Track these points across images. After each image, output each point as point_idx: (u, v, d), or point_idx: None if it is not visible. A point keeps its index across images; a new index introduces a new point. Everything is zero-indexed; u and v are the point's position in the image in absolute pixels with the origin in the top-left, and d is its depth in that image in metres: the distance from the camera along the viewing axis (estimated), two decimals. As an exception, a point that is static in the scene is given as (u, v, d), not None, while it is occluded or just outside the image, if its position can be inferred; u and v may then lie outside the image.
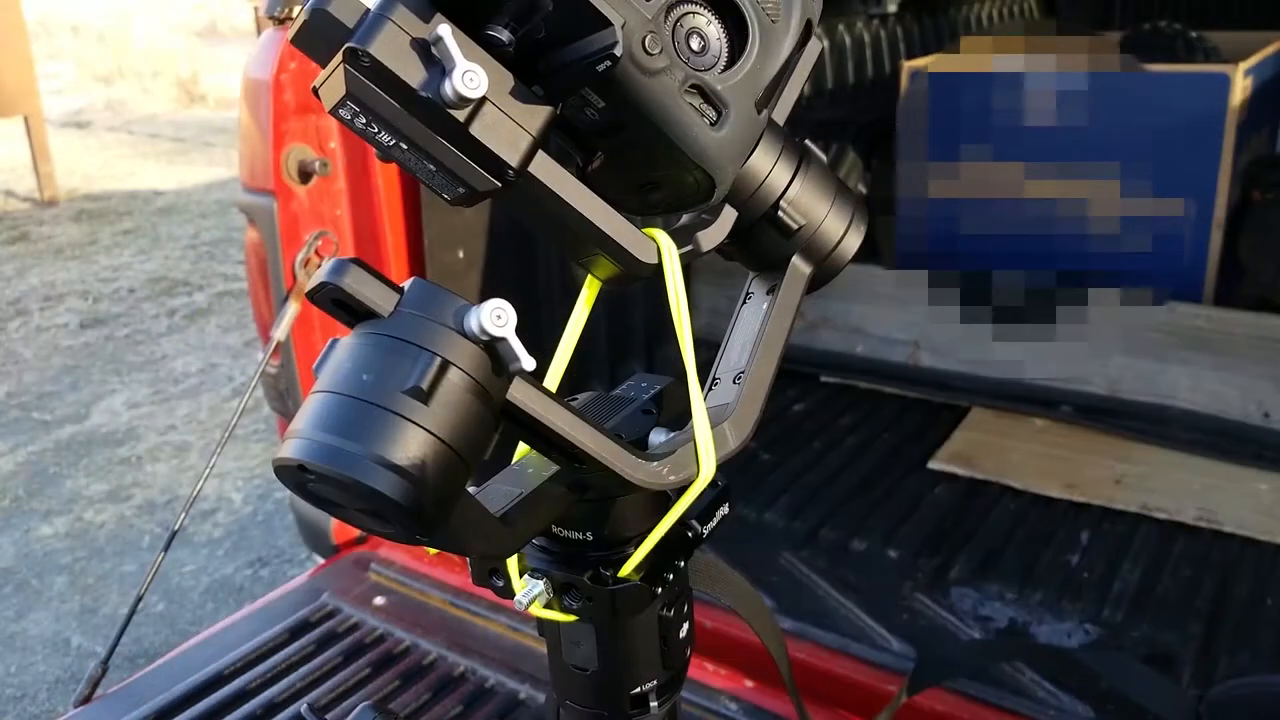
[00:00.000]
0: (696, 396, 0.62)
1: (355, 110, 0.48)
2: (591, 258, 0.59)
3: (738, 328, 0.69)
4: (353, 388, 0.47)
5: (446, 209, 1.79)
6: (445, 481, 0.47)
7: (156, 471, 3.58)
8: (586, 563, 0.64)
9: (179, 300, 5.13)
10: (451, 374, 0.48)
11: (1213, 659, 1.45)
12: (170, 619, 2.82)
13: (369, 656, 1.52)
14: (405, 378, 0.47)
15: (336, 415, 0.47)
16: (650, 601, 0.65)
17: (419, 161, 0.51)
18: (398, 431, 0.46)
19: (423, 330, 0.48)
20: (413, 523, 0.47)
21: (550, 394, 0.54)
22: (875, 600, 1.59)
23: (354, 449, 0.45)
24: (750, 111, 0.57)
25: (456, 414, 0.48)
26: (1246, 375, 1.97)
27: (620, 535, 0.65)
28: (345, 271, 0.48)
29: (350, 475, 0.45)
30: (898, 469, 2.00)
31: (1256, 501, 1.78)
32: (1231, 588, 1.61)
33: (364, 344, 0.49)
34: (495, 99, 0.49)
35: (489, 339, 0.48)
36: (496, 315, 0.48)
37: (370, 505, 0.47)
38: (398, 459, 0.46)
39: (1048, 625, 1.54)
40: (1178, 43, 2.49)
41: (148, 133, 8.63)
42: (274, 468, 0.48)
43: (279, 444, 0.48)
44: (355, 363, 0.48)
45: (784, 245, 0.64)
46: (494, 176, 0.51)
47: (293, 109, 1.64)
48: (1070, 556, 1.71)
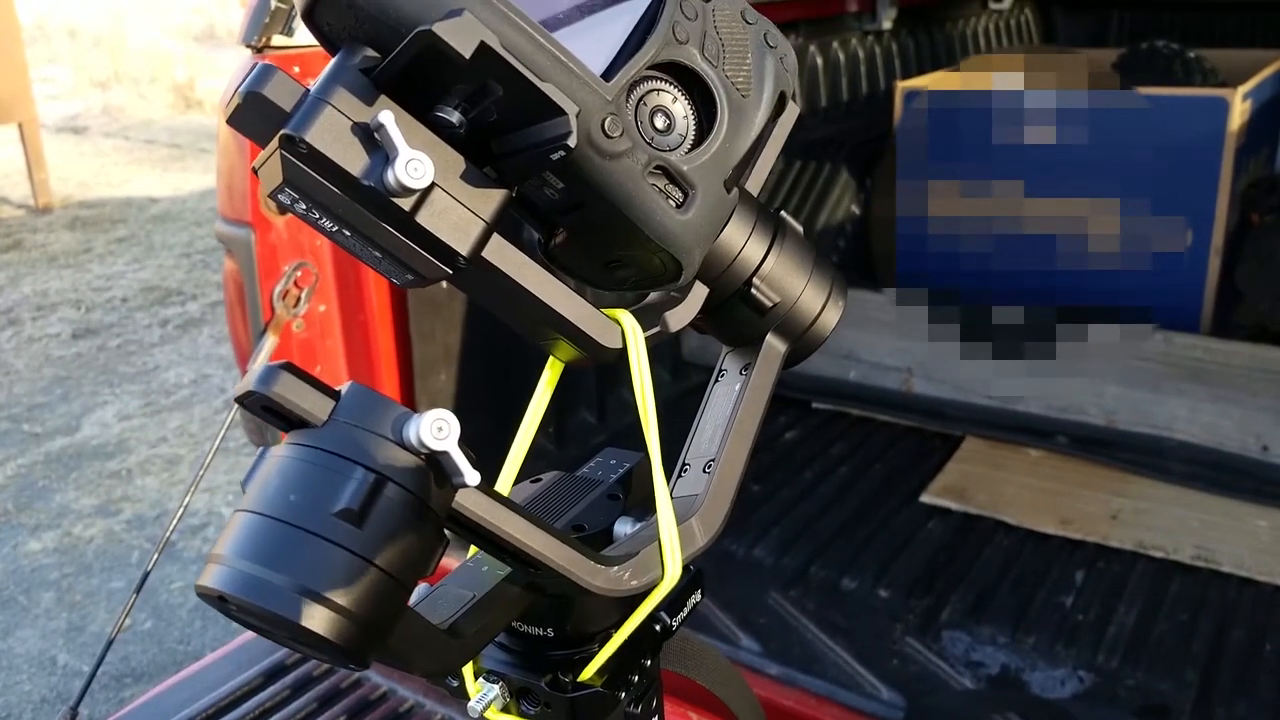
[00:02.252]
0: (662, 493, 0.58)
1: (294, 196, 0.45)
2: (550, 342, 0.56)
3: (709, 409, 0.65)
4: (278, 509, 0.44)
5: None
6: (380, 611, 0.44)
7: (146, 485, 3.55)
8: (547, 663, 0.60)
9: (172, 310, 5.10)
10: (388, 491, 0.44)
11: (1209, 709, 1.41)
12: (158, 637, 2.79)
13: (345, 703, 1.49)
14: (336, 498, 0.43)
15: (259, 540, 0.43)
16: (614, 708, 0.61)
17: (364, 249, 0.47)
18: (326, 559, 0.43)
19: (357, 443, 0.45)
20: (344, 658, 0.44)
21: (501, 499, 0.51)
22: (865, 644, 1.55)
23: (277, 580, 0.42)
24: (719, 191, 0.53)
25: (393, 535, 0.44)
26: (1244, 408, 1.93)
27: (584, 631, 0.61)
28: (275, 379, 0.45)
29: (272, 610, 0.42)
30: (890, 501, 1.96)
31: (1255, 540, 1.75)
32: (1229, 631, 1.57)
33: (292, 458, 0.45)
34: (444, 184, 0.45)
35: (429, 453, 0.45)
36: (438, 427, 0.45)
37: (298, 639, 0.44)
38: (326, 591, 0.42)
39: (1040, 672, 1.51)
40: (1175, 63, 2.46)
41: (144, 138, 8.59)
42: (197, 593, 0.45)
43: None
44: (282, 480, 0.44)
45: (758, 322, 0.61)
46: (444, 264, 0.47)
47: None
48: (1065, 598, 1.67)
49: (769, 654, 1.53)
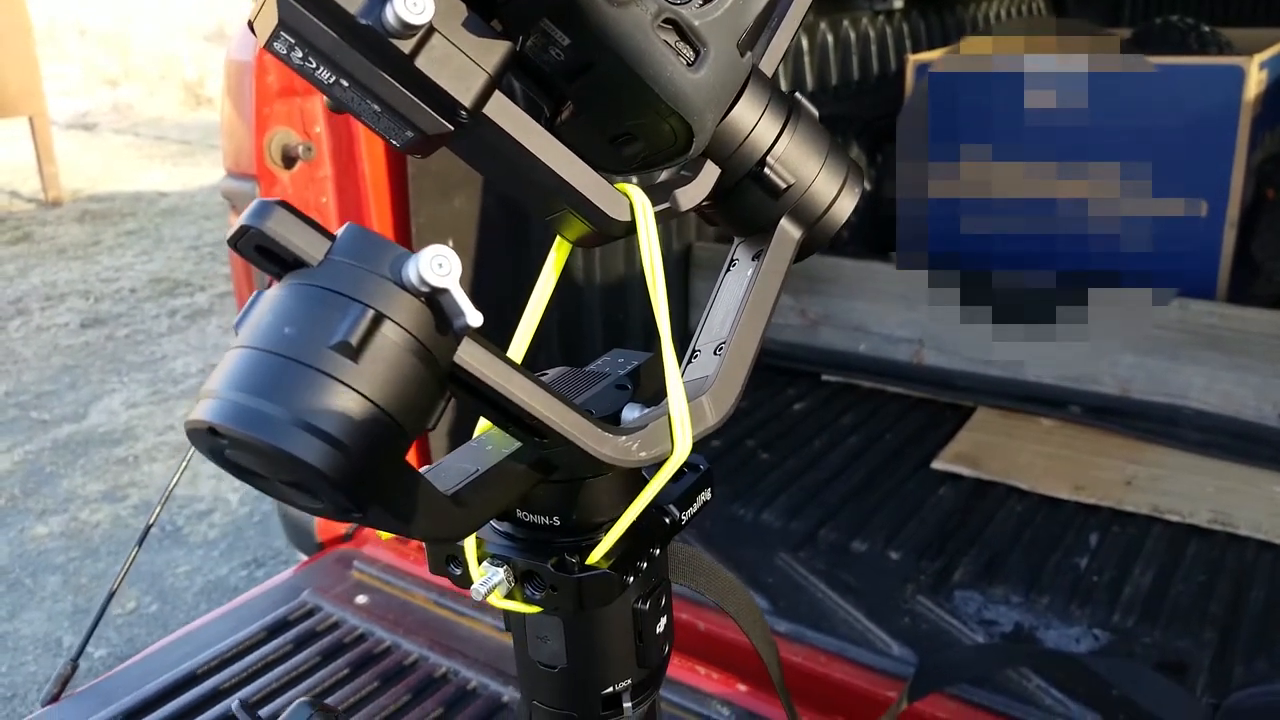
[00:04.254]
0: (671, 365, 0.56)
1: (291, 43, 0.43)
2: (559, 215, 0.54)
3: (721, 296, 0.63)
4: (273, 343, 0.41)
5: (436, 197, 1.74)
6: (377, 449, 0.42)
7: (153, 472, 3.55)
8: (552, 549, 0.58)
9: (180, 300, 5.10)
10: (386, 328, 0.42)
11: (1228, 667, 1.39)
12: (163, 620, 2.78)
13: (348, 656, 1.47)
14: (332, 331, 0.41)
15: (254, 373, 0.41)
16: (620, 592, 0.59)
17: (362, 101, 0.45)
18: (322, 391, 0.40)
19: (354, 280, 0.43)
20: (340, 496, 0.41)
21: (506, 358, 0.48)
22: (876, 603, 1.53)
23: (272, 411, 0.40)
24: (732, 53, 0.51)
25: (391, 374, 0.42)
26: (1261, 375, 1.90)
27: (590, 521, 0.59)
28: (269, 214, 0.43)
29: (266, 440, 0.39)
30: (901, 469, 1.94)
31: (1272, 504, 1.72)
32: (1247, 592, 1.54)
33: (288, 295, 0.43)
34: (444, 29, 0.43)
35: (429, 290, 0.43)
36: (437, 263, 0.43)
37: (292, 476, 0.41)
38: (321, 422, 0.40)
39: (1055, 630, 1.48)
40: (1190, 37, 2.44)
41: (153, 135, 8.63)
42: (186, 431, 0.43)
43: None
44: (277, 315, 0.42)
45: (771, 206, 0.59)
46: (444, 118, 0.45)
47: (276, 91, 1.59)
48: (1079, 560, 1.65)
49: (778, 612, 1.50)
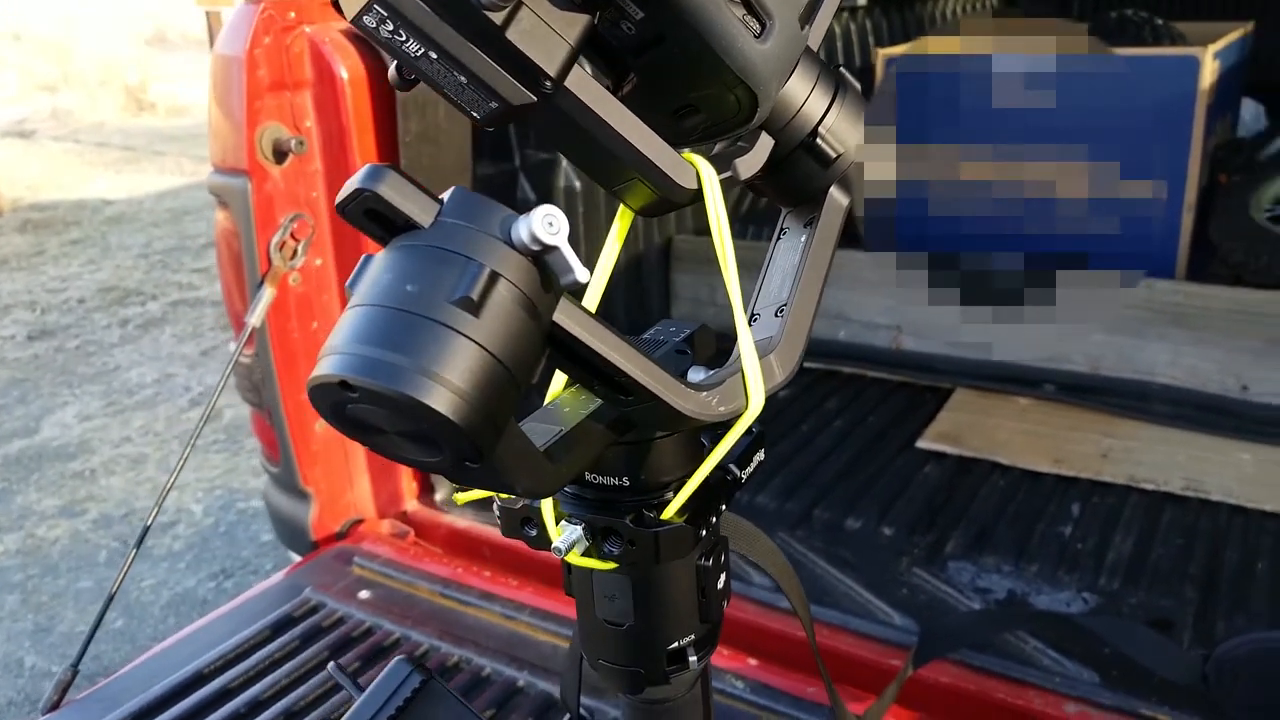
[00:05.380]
0: (742, 324, 0.59)
1: (382, 15, 0.45)
2: (626, 185, 0.57)
3: (775, 262, 0.66)
4: (396, 299, 0.43)
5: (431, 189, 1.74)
6: (498, 400, 0.44)
7: (112, 485, 3.48)
8: (625, 508, 0.61)
9: (131, 310, 5.00)
10: (501, 286, 0.44)
11: (1210, 623, 1.45)
12: (130, 635, 2.73)
13: (358, 650, 1.47)
14: (454, 288, 0.43)
15: (380, 328, 0.43)
16: (694, 545, 0.62)
17: (448, 74, 0.47)
18: (448, 344, 0.42)
19: (469, 239, 0.45)
20: (465, 444, 0.43)
21: (598, 318, 0.51)
22: (873, 577, 1.57)
23: (401, 362, 0.41)
24: (794, 26, 0.54)
25: (507, 329, 0.44)
26: (1224, 349, 1.99)
27: (656, 481, 0.62)
28: (382, 177, 0.45)
29: (398, 390, 0.41)
30: (886, 450, 1.99)
31: (1240, 471, 1.79)
32: (1222, 554, 1.61)
33: (405, 255, 0.45)
34: (531, 3, 0.46)
35: (540, 249, 0.45)
36: (548, 222, 0.45)
37: (417, 426, 0.43)
38: (448, 373, 0.42)
39: (1046, 595, 1.53)
40: (1145, 30, 2.53)
41: (95, 142, 8.43)
42: (309, 390, 0.44)
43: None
44: (397, 274, 0.44)
45: (821, 176, 0.62)
46: (529, 89, 0.48)
47: (267, 85, 1.59)
48: (1063, 529, 1.71)
49: (780, 589, 1.53)
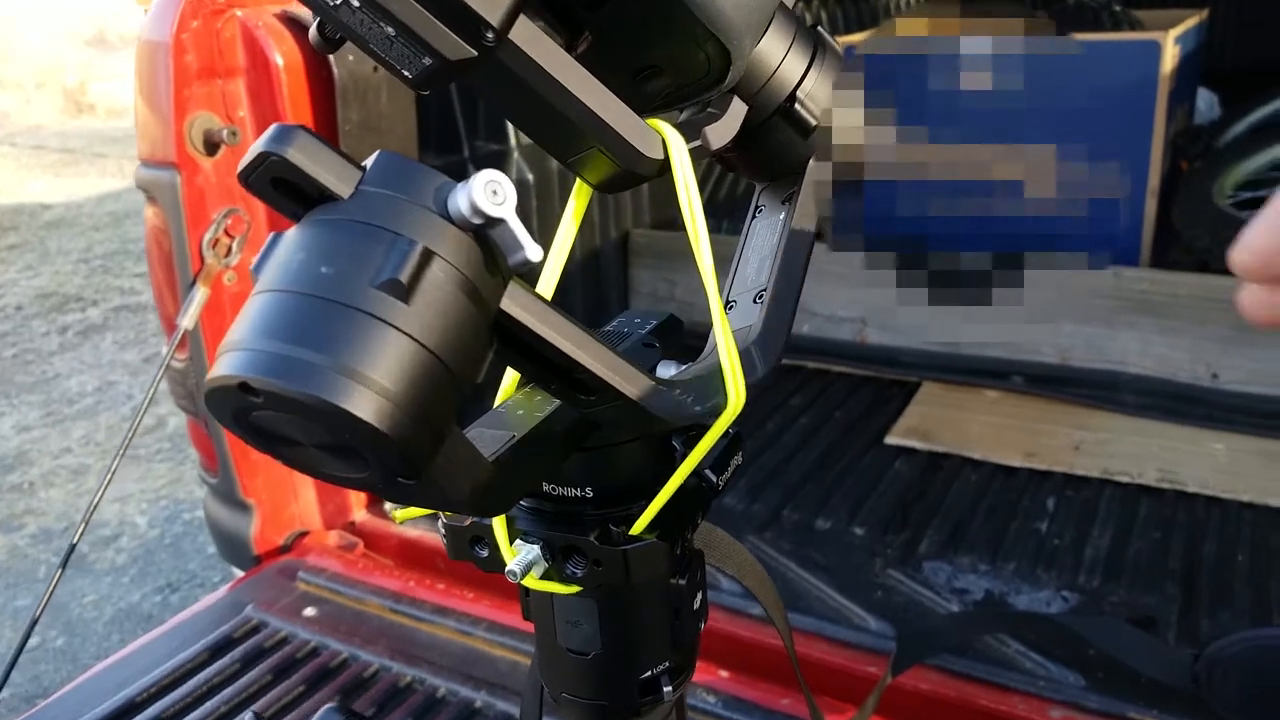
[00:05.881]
0: (718, 311, 0.52)
1: None
2: (583, 156, 0.49)
3: (751, 243, 0.59)
4: (309, 284, 0.35)
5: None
6: (434, 402, 0.36)
7: (51, 498, 3.34)
8: (588, 523, 0.53)
9: (71, 317, 4.84)
10: (435, 266, 0.36)
11: (1194, 619, 1.40)
12: (72, 654, 2.62)
13: (303, 672, 1.38)
14: (379, 269, 0.35)
15: (289, 318, 0.35)
16: (667, 560, 0.54)
17: (374, 25, 0.40)
18: (371, 336, 0.34)
19: (396, 211, 0.36)
20: (395, 456, 0.35)
21: (552, 305, 0.43)
22: (847, 579, 1.51)
23: (313, 359, 0.33)
24: None
25: (444, 318, 0.36)
26: (1192, 337, 1.95)
27: (624, 490, 0.54)
28: (291, 139, 0.36)
29: (310, 393, 0.33)
30: (854, 446, 1.93)
31: (1214, 461, 1.76)
32: (1201, 547, 1.57)
33: (320, 231, 0.37)
34: None
35: (482, 223, 0.37)
36: (492, 190, 0.37)
37: (336, 437, 0.35)
38: (372, 371, 0.34)
39: (1025, 595, 1.48)
40: (1103, 16, 2.50)
41: (32, 144, 8.19)
42: (205, 394, 0.36)
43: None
44: (310, 254, 0.36)
45: (800, 146, 0.55)
46: (468, 42, 0.40)
47: (195, 72, 1.49)
48: (1038, 524, 1.66)
49: (750, 595, 1.46)
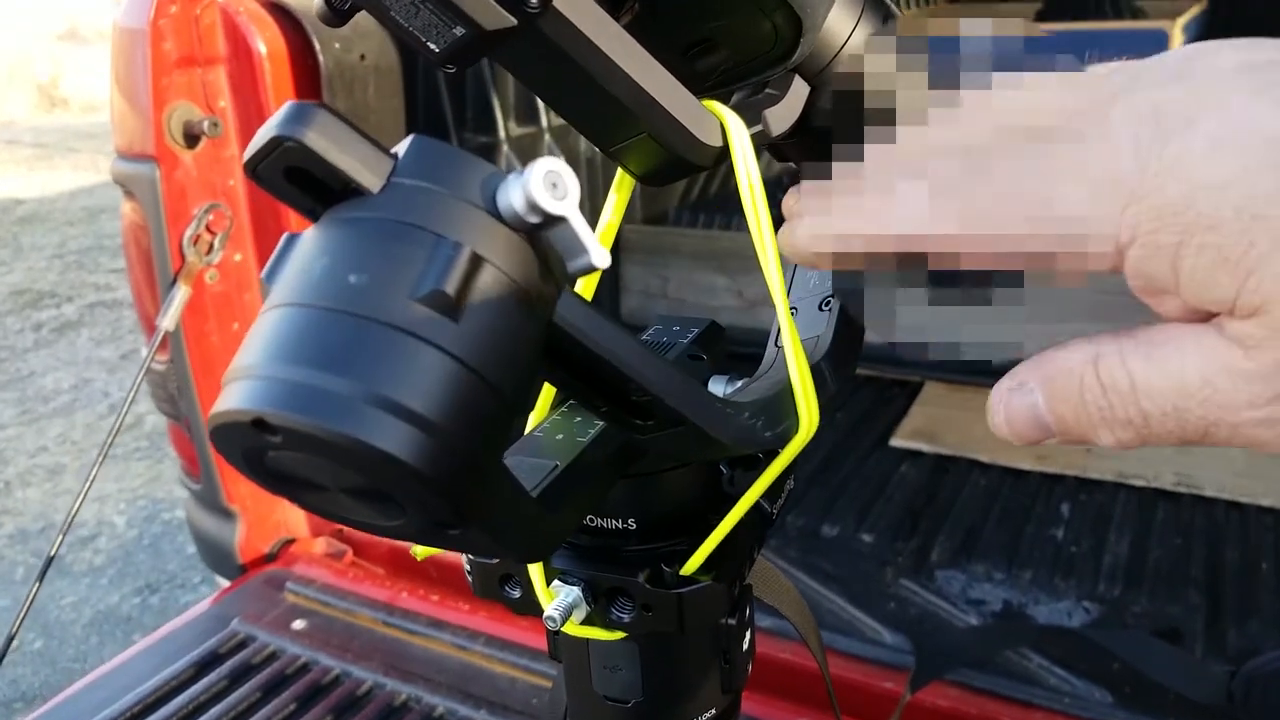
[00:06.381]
0: (786, 324, 0.45)
1: None
2: (629, 144, 0.42)
3: None
4: (335, 297, 0.28)
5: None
6: (487, 441, 0.29)
7: (28, 497, 3.27)
8: (630, 559, 0.46)
9: (46, 313, 4.74)
10: (485, 274, 0.29)
11: (1221, 631, 1.36)
12: (50, 657, 2.55)
13: (293, 689, 1.31)
14: (420, 278, 0.27)
15: (313, 339, 0.27)
16: (724, 604, 0.47)
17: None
18: (414, 360, 0.27)
19: (439, 208, 0.29)
20: (440, 504, 0.28)
21: (610, 317, 0.36)
22: (858, 589, 1.45)
23: (346, 389, 0.26)
24: None
25: (496, 336, 0.28)
26: (1204, 336, 1.91)
27: (666, 523, 0.47)
28: (310, 119, 0.29)
29: (343, 431, 0.26)
30: (858, 449, 1.88)
31: (1232, 464, 1.72)
32: (1223, 553, 1.53)
33: (347, 232, 0.29)
34: None
35: (539, 221, 0.30)
36: (551, 183, 0.30)
37: (369, 481, 0.28)
38: (416, 404, 0.27)
39: (1045, 605, 1.43)
40: (1105, 4, 2.46)
41: (4, 139, 8.06)
42: (211, 430, 0.29)
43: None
44: (336, 259, 0.28)
45: None
46: (508, 7, 0.33)
47: (175, 60, 1.42)
48: (1054, 531, 1.61)
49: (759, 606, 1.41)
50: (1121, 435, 0.31)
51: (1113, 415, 0.30)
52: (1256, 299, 0.26)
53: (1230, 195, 0.27)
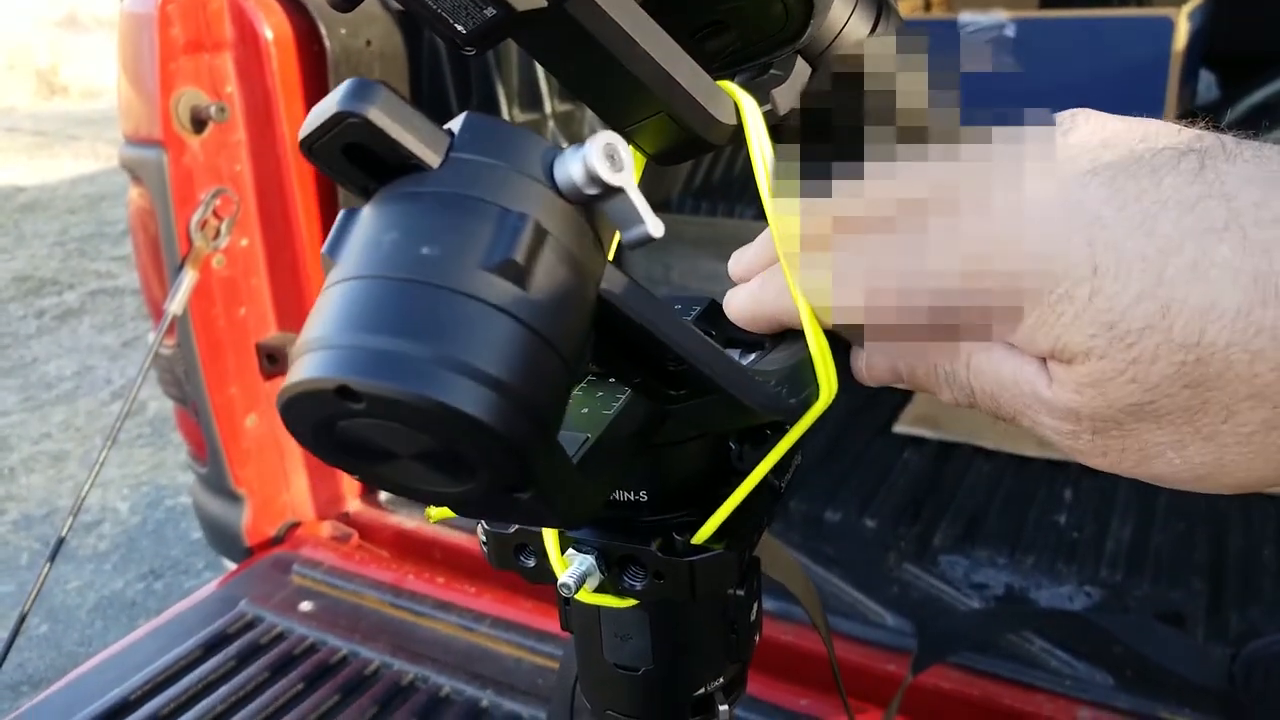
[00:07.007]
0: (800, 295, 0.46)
1: None
2: (645, 123, 0.43)
3: None
4: (407, 268, 0.29)
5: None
6: (555, 403, 0.30)
7: (31, 484, 3.28)
8: (642, 529, 0.47)
9: (48, 300, 4.74)
10: (549, 245, 0.30)
11: (1224, 616, 1.37)
12: (55, 641, 2.56)
13: (301, 669, 1.33)
14: (491, 248, 0.29)
15: (391, 308, 0.29)
16: (733, 573, 0.49)
17: None
18: (488, 326, 0.29)
19: (502, 182, 0.31)
20: (514, 466, 0.30)
21: (645, 288, 0.37)
22: (861, 573, 1.46)
23: (428, 354, 0.28)
24: None
25: (558, 304, 0.30)
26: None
27: (679, 493, 0.49)
28: (373, 96, 0.30)
29: (429, 394, 0.27)
30: (861, 435, 1.88)
31: (1233, 450, 1.72)
32: (1226, 539, 1.53)
33: (413, 207, 0.30)
34: None
35: (598, 193, 0.31)
36: (609, 155, 0.31)
37: (445, 443, 0.29)
38: (495, 369, 0.28)
39: (1047, 589, 1.44)
40: (1108, -8, 2.45)
41: (5, 127, 8.04)
42: (283, 403, 0.29)
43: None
44: (405, 232, 0.30)
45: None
46: None
47: (182, 46, 1.42)
48: (1056, 516, 1.62)
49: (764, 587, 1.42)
50: (958, 397, 0.37)
51: (954, 381, 0.37)
52: (1066, 353, 0.32)
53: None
